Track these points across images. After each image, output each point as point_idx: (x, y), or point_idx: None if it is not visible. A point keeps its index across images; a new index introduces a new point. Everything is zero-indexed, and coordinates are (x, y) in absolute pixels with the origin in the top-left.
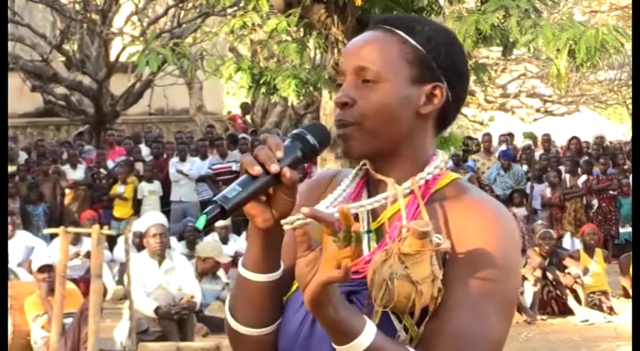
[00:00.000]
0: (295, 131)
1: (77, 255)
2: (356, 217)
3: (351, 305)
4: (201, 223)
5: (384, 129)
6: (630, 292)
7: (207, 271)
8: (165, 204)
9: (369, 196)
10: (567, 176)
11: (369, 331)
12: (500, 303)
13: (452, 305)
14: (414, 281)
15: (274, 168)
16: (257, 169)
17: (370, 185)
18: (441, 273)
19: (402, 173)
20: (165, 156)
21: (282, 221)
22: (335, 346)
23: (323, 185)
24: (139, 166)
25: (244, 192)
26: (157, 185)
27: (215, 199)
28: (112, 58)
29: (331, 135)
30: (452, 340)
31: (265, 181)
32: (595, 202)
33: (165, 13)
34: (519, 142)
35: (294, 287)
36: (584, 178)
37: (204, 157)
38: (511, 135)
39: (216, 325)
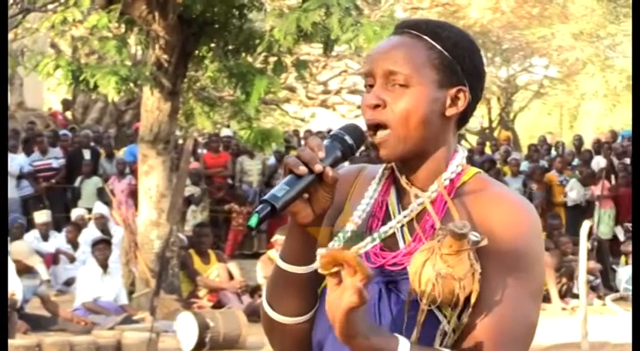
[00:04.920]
0: (333, 132)
1: None
2: (387, 210)
3: (381, 326)
4: (253, 221)
5: (413, 132)
6: None
7: (20, 270)
8: None
9: (397, 193)
10: None
11: (403, 349)
12: (530, 290)
13: (488, 295)
14: (457, 278)
15: (318, 168)
16: (302, 169)
17: (397, 182)
18: (479, 266)
19: (428, 172)
20: None
21: (316, 266)
22: None
23: (349, 182)
24: None
25: (292, 191)
26: None
27: (265, 198)
28: None
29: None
30: (493, 327)
31: (310, 180)
32: None
33: None
34: None
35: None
36: None
37: (27, 153)
38: (330, 131)
39: (37, 323)
